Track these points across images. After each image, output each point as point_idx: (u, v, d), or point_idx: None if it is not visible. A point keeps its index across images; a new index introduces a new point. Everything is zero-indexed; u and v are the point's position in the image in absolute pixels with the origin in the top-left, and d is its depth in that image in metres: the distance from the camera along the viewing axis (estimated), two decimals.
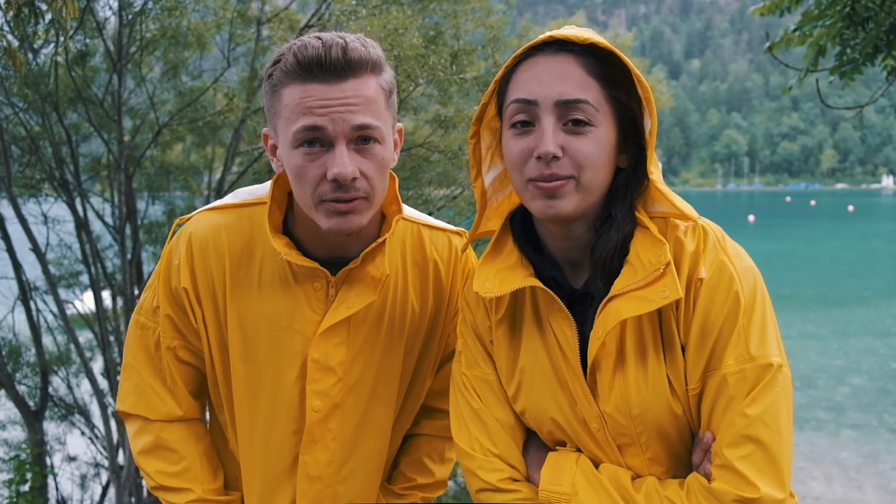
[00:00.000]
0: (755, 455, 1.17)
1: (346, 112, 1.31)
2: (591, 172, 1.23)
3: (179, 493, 1.55)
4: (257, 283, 1.49)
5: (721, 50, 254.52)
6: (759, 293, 1.25)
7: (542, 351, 1.36)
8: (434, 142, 5.89)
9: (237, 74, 7.35)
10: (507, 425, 1.41)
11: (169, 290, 1.52)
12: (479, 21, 6.80)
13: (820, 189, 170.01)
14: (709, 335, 1.23)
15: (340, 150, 1.31)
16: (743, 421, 1.18)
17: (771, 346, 1.23)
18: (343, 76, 1.31)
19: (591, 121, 1.22)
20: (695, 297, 1.24)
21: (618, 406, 1.28)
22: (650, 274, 1.22)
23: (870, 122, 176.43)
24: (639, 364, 1.27)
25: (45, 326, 7.24)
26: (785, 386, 1.22)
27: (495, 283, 1.34)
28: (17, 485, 6.13)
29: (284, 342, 1.49)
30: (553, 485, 1.32)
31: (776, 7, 4.04)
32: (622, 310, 1.23)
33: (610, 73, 1.24)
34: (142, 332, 1.58)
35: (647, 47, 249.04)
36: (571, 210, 1.25)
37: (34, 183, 6.93)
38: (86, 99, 6.16)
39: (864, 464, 10.59)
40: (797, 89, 4.25)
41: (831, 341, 17.98)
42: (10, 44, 3.30)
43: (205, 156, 8.08)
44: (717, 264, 1.24)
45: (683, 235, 1.26)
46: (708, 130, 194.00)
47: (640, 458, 1.31)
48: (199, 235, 1.50)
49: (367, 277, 1.46)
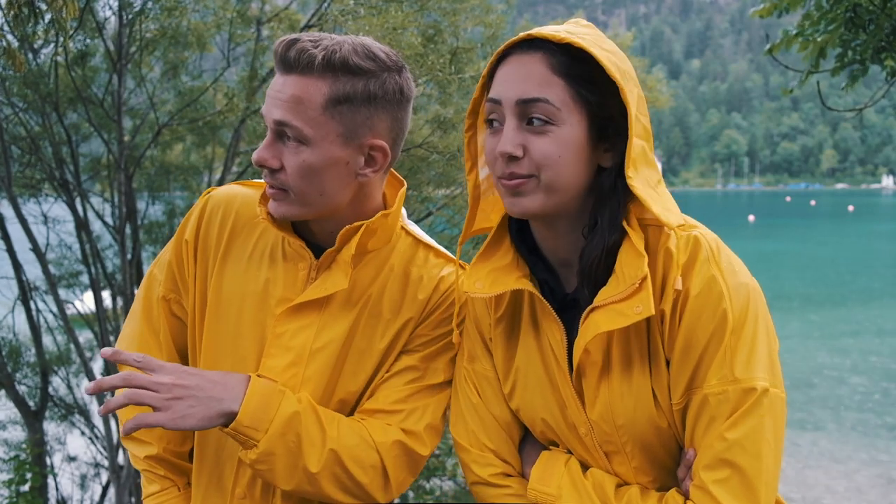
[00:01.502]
0: (732, 480, 1.15)
1: (272, 105, 1.37)
2: (551, 172, 1.21)
3: (142, 445, 1.59)
4: (248, 254, 1.53)
5: (721, 50, 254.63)
6: (752, 312, 1.19)
7: (535, 352, 1.36)
8: (433, 142, 5.89)
9: (237, 74, 7.35)
10: (504, 421, 1.41)
11: (179, 242, 1.59)
12: (479, 19, 6.80)
13: (820, 189, 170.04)
14: (693, 351, 1.19)
15: (266, 139, 1.40)
16: (721, 444, 1.16)
17: (758, 369, 1.17)
18: (288, 72, 1.37)
19: (552, 119, 1.20)
20: (681, 312, 1.20)
21: (602, 414, 1.27)
22: (627, 288, 1.18)
23: (870, 122, 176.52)
24: (623, 375, 1.26)
25: (45, 326, 7.24)
26: (773, 410, 1.17)
27: (486, 284, 1.33)
28: (17, 485, 6.14)
29: (252, 313, 1.50)
30: (541, 484, 1.34)
31: (775, 8, 4.04)
32: (600, 323, 1.21)
33: (581, 70, 1.20)
34: (150, 282, 1.63)
35: (647, 47, 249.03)
36: (537, 208, 1.23)
37: (34, 183, 6.93)
38: (86, 99, 6.16)
39: (865, 464, 10.59)
40: (798, 90, 4.25)
41: (831, 341, 17.99)
42: (10, 44, 3.29)
43: (205, 156, 8.08)
44: (707, 279, 1.18)
45: (674, 246, 1.21)
46: (708, 130, 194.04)
47: (627, 466, 1.30)
48: (217, 198, 1.58)
49: (341, 261, 1.47)
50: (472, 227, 1.42)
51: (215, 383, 1.37)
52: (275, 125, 1.37)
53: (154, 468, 1.60)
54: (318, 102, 1.35)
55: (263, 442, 1.37)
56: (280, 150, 1.38)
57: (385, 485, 1.46)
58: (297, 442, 1.39)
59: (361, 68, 1.36)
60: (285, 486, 1.41)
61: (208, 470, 1.56)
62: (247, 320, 1.51)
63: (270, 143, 1.38)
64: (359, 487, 1.44)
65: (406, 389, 1.50)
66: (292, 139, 1.37)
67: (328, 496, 1.44)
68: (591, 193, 1.26)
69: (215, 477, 1.55)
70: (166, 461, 1.60)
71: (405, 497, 8.01)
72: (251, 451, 1.38)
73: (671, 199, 1.25)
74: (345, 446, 1.42)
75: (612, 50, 1.23)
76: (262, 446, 1.37)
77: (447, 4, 6.28)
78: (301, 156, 1.37)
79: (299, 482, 1.41)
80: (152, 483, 1.60)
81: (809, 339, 18.07)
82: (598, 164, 1.26)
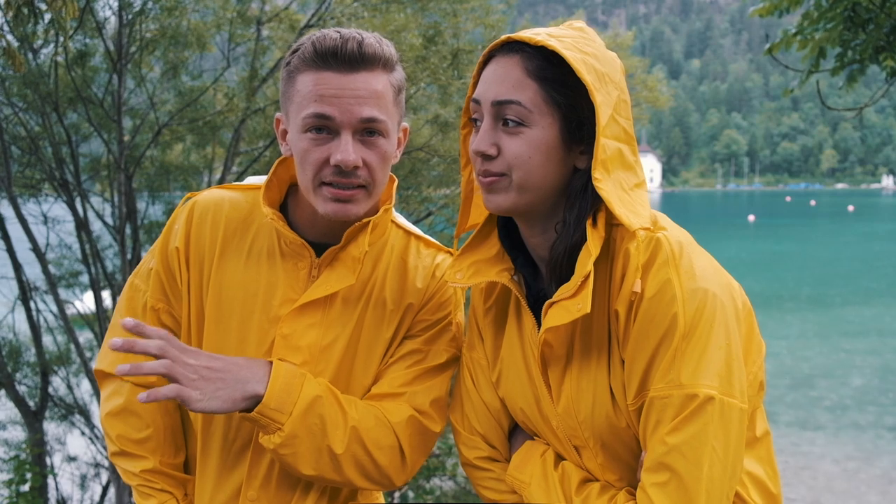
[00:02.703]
0: (669, 485, 1.15)
1: (355, 104, 1.36)
2: (522, 171, 1.24)
3: (136, 460, 1.55)
4: (245, 254, 1.52)
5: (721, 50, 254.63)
6: (707, 318, 1.17)
7: (517, 344, 1.39)
8: (434, 145, 5.90)
9: (237, 74, 7.35)
10: (494, 408, 1.45)
11: (165, 251, 1.56)
12: (479, 20, 6.81)
13: (820, 189, 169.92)
14: (642, 353, 1.19)
15: (346, 139, 1.36)
16: (662, 448, 1.16)
17: (706, 376, 1.15)
18: (356, 68, 1.36)
19: (524, 121, 1.23)
20: (635, 313, 1.20)
21: (566, 408, 1.30)
22: (575, 285, 1.21)
23: (870, 123, 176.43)
24: (583, 371, 1.28)
25: (45, 326, 7.25)
26: (722, 418, 1.14)
27: (466, 275, 1.37)
28: (17, 485, 6.13)
29: (257, 315, 1.50)
30: (517, 472, 1.39)
31: (775, 8, 4.04)
32: (551, 317, 1.24)
33: (554, 73, 1.23)
34: (133, 293, 1.60)
35: (647, 47, 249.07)
36: (510, 205, 1.27)
37: (34, 183, 6.93)
38: (86, 99, 6.16)
39: (865, 464, 10.60)
40: (798, 90, 4.25)
41: (832, 341, 18.00)
42: (10, 44, 3.30)
43: (205, 156, 8.08)
44: (661, 282, 1.18)
45: (635, 248, 1.20)
46: (708, 130, 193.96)
47: (594, 462, 1.33)
48: (203, 204, 1.57)
49: (348, 259, 1.48)
50: (466, 222, 1.45)
51: (240, 366, 1.38)
52: (362, 122, 1.36)
53: (151, 482, 1.57)
54: (391, 95, 1.40)
55: (288, 424, 1.37)
56: (357, 147, 1.38)
57: (402, 465, 1.49)
58: (321, 424, 1.40)
59: (396, 59, 1.43)
60: (308, 470, 1.41)
61: (213, 475, 1.54)
62: (251, 322, 1.50)
63: (353, 143, 1.37)
64: (378, 470, 1.46)
65: (411, 372, 1.52)
66: (376, 133, 1.39)
67: (349, 480, 1.45)
68: (565, 193, 1.29)
69: (223, 481, 1.54)
70: (164, 473, 1.57)
71: (405, 497, 8.02)
72: (275, 434, 1.37)
73: (644, 202, 1.26)
74: (365, 427, 1.44)
75: (593, 52, 1.25)
76: (287, 429, 1.37)
77: (447, 5, 6.29)
78: (382, 148, 1.40)
79: (323, 466, 1.41)
80: (149, 498, 1.56)
81: (809, 339, 18.08)
82: (573, 164, 1.29)
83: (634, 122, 1.32)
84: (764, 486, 1.32)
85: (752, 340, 1.29)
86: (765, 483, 1.32)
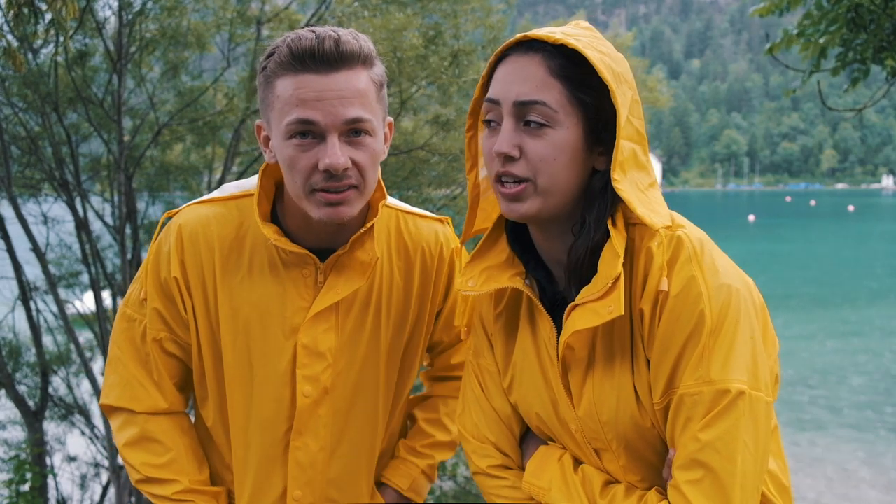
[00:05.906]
0: (704, 481, 1.15)
1: (339, 105, 1.33)
2: (546, 175, 1.22)
3: (166, 484, 1.55)
4: (247, 271, 1.51)
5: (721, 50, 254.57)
6: (732, 313, 1.18)
7: (531, 349, 1.37)
8: (434, 144, 5.89)
9: (237, 74, 7.35)
10: (504, 415, 1.44)
11: (158, 281, 1.53)
12: (479, 21, 6.81)
13: (820, 189, 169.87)
14: (671, 351, 1.19)
15: (332, 142, 1.34)
16: (695, 445, 1.16)
17: (735, 371, 1.15)
18: (335, 67, 1.33)
19: (549, 122, 1.20)
20: (660, 312, 1.19)
21: (588, 411, 1.29)
22: (603, 287, 1.19)
23: (870, 122, 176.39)
24: (606, 372, 1.27)
25: (45, 326, 7.25)
26: (752, 413, 1.15)
27: (478, 282, 1.34)
28: (17, 485, 6.13)
29: (274, 329, 1.50)
30: (534, 478, 1.36)
31: (775, 8, 4.04)
32: (577, 320, 1.22)
33: (577, 73, 1.20)
34: (128, 324, 1.58)
35: (647, 47, 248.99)
36: (535, 212, 1.24)
37: (34, 183, 6.93)
38: (85, 99, 6.16)
39: (865, 464, 10.60)
40: (799, 90, 4.25)
41: (831, 341, 18.00)
42: (10, 44, 3.30)
43: (205, 156, 8.08)
44: (686, 279, 1.18)
45: (657, 246, 1.20)
46: (708, 130, 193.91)
47: (615, 464, 1.31)
48: (189, 226, 1.52)
49: (355, 263, 1.48)
50: (472, 228, 1.43)
51: None
52: (347, 124, 1.34)
53: (188, 501, 1.56)
54: (373, 91, 1.38)
55: None
56: (344, 149, 1.35)
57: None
58: None
59: (375, 53, 1.41)
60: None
61: (252, 481, 1.56)
62: (269, 337, 1.50)
63: (340, 145, 1.34)
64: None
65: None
66: (363, 133, 1.37)
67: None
68: (584, 195, 1.27)
69: (265, 486, 1.56)
70: (197, 491, 1.57)
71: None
72: None
73: (661, 201, 1.26)
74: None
75: (608, 52, 1.23)
76: None
77: (448, 6, 6.29)
78: (371, 147, 1.38)
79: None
80: None
81: (809, 339, 18.08)
82: (592, 166, 1.27)
83: None
84: (777, 479, 1.31)
85: (767, 335, 1.29)
86: (778, 476, 1.32)
